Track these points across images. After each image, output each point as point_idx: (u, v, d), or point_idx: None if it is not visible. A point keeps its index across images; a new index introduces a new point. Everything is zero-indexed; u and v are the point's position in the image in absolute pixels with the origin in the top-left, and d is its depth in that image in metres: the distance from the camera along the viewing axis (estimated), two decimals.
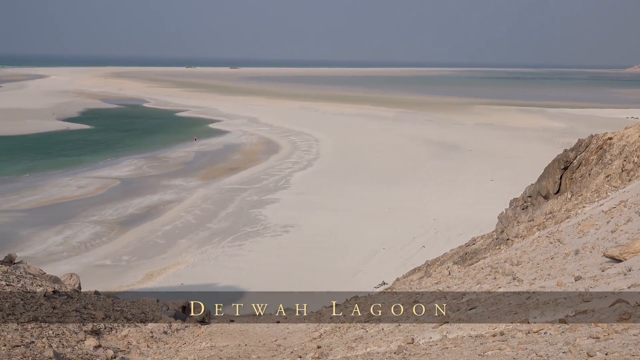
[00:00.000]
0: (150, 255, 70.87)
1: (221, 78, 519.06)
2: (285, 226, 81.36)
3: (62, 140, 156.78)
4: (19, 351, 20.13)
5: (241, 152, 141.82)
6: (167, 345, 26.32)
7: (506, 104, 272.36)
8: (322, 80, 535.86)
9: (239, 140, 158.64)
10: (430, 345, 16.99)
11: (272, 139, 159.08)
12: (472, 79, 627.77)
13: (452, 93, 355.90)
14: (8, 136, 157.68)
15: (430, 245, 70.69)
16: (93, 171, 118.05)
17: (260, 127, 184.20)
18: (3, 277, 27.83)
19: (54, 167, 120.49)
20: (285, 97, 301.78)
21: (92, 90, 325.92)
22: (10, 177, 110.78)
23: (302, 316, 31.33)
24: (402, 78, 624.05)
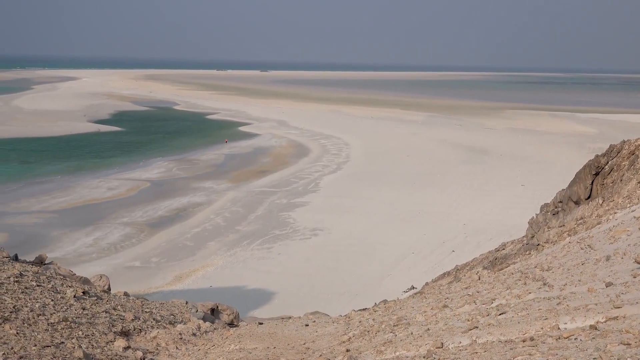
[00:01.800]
0: (179, 257, 71.07)
1: (251, 81, 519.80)
2: (314, 229, 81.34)
3: (92, 141, 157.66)
4: (49, 351, 20.25)
5: (271, 155, 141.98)
6: (195, 347, 26.40)
7: (537, 108, 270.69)
8: (352, 83, 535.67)
9: (269, 143, 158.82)
10: (459, 350, 16.94)
11: (302, 142, 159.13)
12: (502, 83, 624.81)
13: (482, 97, 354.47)
14: (40, 137, 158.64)
15: (459, 250, 70.46)
16: (123, 173, 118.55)
17: (290, 130, 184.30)
18: (34, 278, 27.97)
19: (85, 169, 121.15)
20: (315, 100, 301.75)
21: (122, 92, 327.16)
22: (41, 179, 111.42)
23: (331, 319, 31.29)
24: (430, 82, 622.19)
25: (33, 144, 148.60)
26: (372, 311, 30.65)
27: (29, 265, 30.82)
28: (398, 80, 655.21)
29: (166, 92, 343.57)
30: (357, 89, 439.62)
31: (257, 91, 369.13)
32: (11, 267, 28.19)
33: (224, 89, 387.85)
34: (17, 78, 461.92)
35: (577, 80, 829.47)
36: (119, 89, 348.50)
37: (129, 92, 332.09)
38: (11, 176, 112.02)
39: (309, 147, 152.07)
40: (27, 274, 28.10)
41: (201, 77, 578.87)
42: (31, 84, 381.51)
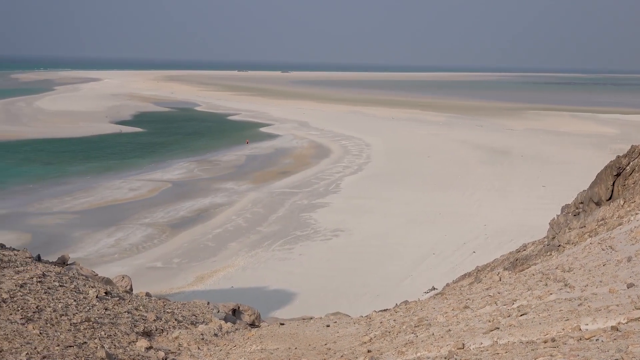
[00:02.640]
0: (201, 258, 71.22)
1: (272, 82, 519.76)
2: (335, 230, 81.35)
3: (114, 142, 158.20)
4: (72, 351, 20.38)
5: (292, 155, 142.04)
6: (217, 347, 26.48)
7: (557, 109, 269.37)
8: (372, 84, 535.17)
9: (290, 144, 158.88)
10: (481, 351, 16.96)
11: (323, 143, 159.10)
12: (522, 84, 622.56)
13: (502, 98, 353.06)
14: (62, 138, 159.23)
15: (480, 251, 70.31)
16: (145, 174, 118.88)
17: (311, 131, 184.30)
18: (56, 278, 28.13)
19: (107, 170, 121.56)
20: (336, 101, 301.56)
21: (144, 93, 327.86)
22: (63, 179, 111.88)
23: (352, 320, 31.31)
24: (449, 82, 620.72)
25: (55, 145, 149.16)
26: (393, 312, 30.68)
27: (51, 266, 30.99)
28: (417, 81, 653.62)
29: (187, 93, 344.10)
30: (377, 89, 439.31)
31: (278, 92, 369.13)
32: (34, 268, 28.37)
33: (245, 89, 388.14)
34: (39, 79, 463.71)
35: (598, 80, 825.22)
36: (140, 90, 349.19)
37: (150, 93, 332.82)
38: (33, 177, 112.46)
39: (330, 148, 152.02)
40: (50, 275, 28.26)
41: (222, 78, 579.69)
42: (53, 85, 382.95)
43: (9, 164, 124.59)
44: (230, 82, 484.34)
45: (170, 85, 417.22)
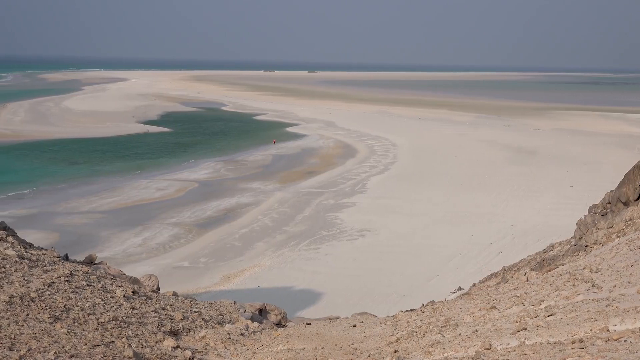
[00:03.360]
0: (227, 257, 71.36)
1: (299, 82, 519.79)
2: (361, 230, 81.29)
3: (141, 142, 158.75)
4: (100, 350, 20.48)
5: (318, 155, 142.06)
6: (244, 347, 26.51)
7: (585, 109, 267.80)
8: (399, 84, 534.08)
9: (316, 144, 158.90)
10: (508, 352, 16.91)
11: (349, 143, 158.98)
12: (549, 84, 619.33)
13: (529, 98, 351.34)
14: (89, 138, 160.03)
15: (507, 251, 70.06)
16: (172, 174, 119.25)
17: (337, 131, 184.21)
18: (84, 278, 28.26)
19: (134, 170, 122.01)
20: (362, 101, 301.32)
21: (171, 93, 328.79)
22: (90, 179, 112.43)
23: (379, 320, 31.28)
24: (476, 82, 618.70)
25: (82, 145, 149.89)
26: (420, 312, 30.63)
27: (79, 265, 31.14)
28: (444, 81, 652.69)
29: (214, 93, 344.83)
30: (404, 89, 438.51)
31: (304, 92, 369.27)
32: (62, 267, 28.50)
33: (272, 89, 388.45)
34: (67, 79, 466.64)
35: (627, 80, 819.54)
36: (167, 90, 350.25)
37: (177, 93, 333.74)
38: (61, 177, 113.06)
39: (356, 147, 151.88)
40: (77, 274, 28.39)
41: (249, 77, 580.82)
42: (81, 85, 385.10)
43: (37, 163, 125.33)
44: (257, 82, 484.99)
45: (197, 85, 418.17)
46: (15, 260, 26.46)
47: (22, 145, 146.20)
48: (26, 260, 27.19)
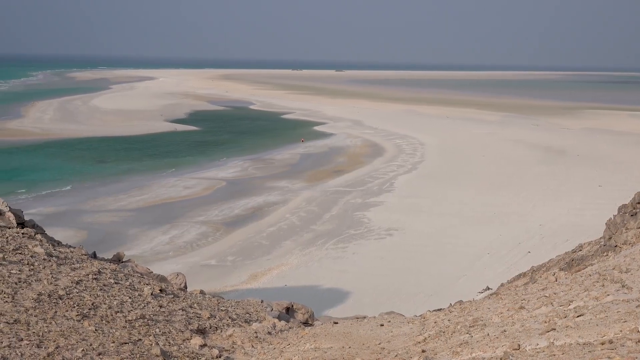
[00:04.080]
0: (254, 256, 71.43)
1: (326, 81, 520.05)
2: (389, 229, 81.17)
3: (169, 141, 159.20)
4: (127, 348, 20.49)
5: (346, 154, 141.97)
6: (271, 345, 26.48)
7: (615, 108, 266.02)
8: (426, 83, 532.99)
9: (344, 143, 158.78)
10: (537, 352, 16.79)
11: (377, 142, 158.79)
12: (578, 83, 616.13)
13: (558, 97, 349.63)
14: (117, 137, 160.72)
15: (535, 251, 69.70)
16: (199, 172, 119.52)
17: (365, 130, 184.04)
18: (112, 275, 28.32)
19: (162, 168, 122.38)
20: (390, 100, 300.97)
21: (198, 92, 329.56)
22: (118, 177, 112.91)
23: (406, 320, 31.18)
24: (504, 81, 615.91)
25: (110, 143, 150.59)
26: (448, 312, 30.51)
27: (107, 263, 31.20)
28: (472, 80, 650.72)
29: (242, 91, 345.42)
30: (431, 88, 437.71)
31: (332, 91, 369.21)
32: (90, 265, 28.57)
33: (299, 88, 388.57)
34: (96, 78, 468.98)
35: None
36: (195, 89, 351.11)
37: (205, 91, 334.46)
38: (89, 175, 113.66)
39: (384, 146, 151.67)
40: (105, 272, 28.45)
41: (276, 76, 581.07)
42: (109, 83, 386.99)
43: (65, 162, 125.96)
44: (285, 81, 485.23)
45: (225, 84, 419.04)
46: (43, 257, 26.55)
47: (51, 143, 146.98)
48: (54, 258, 27.27)
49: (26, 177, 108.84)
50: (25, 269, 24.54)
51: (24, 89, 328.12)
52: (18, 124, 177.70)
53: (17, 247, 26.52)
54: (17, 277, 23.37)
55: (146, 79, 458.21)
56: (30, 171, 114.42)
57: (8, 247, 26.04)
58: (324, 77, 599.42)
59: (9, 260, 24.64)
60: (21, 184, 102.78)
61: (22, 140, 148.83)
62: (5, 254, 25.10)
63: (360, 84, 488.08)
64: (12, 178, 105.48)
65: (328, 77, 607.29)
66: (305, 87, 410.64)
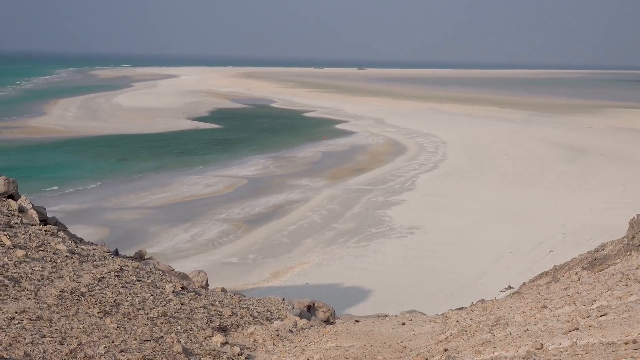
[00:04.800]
0: (276, 254, 71.47)
1: (348, 79, 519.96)
2: (410, 228, 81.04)
3: (191, 139, 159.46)
4: (149, 345, 20.54)
5: (367, 153, 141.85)
6: (292, 343, 26.49)
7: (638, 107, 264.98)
8: (448, 81, 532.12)
9: (366, 141, 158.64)
10: (560, 352, 16.71)
11: (399, 140, 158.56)
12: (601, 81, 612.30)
13: (581, 95, 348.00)
14: (140, 134, 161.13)
15: (558, 250, 69.44)
16: (221, 170, 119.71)
17: (387, 128, 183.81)
18: (134, 273, 28.42)
19: (183, 166, 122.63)
20: (411, 98, 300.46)
21: (220, 90, 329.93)
22: (141, 175, 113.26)
23: (428, 318, 31.12)
24: (527, 80, 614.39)
25: (132, 141, 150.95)
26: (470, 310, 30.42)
27: (129, 260, 31.31)
28: (494, 78, 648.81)
29: (264, 89, 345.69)
30: (454, 86, 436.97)
31: (354, 89, 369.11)
32: (112, 262, 28.67)
33: (321, 86, 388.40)
34: (118, 76, 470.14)
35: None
36: (217, 87, 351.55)
37: (227, 89, 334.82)
38: (111, 173, 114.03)
39: (406, 145, 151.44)
40: (127, 269, 28.56)
41: (298, 74, 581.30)
42: (131, 81, 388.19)
43: (87, 159, 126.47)
44: (306, 79, 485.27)
45: (247, 82, 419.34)
46: (66, 255, 26.65)
47: (73, 141, 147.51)
48: (77, 255, 27.37)
49: (49, 175, 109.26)
50: (48, 266, 24.65)
51: (46, 87, 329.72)
52: (41, 122, 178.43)
53: (40, 244, 26.63)
54: (40, 274, 23.47)
55: (169, 76, 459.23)
56: (52, 169, 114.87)
57: (31, 244, 26.15)
58: (346, 75, 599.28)
59: (31, 257, 24.75)
60: (44, 182, 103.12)
61: (44, 138, 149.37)
62: (28, 250, 25.21)
63: (382, 82, 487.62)
64: (34, 175, 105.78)
65: (350, 75, 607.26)
66: (327, 85, 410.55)
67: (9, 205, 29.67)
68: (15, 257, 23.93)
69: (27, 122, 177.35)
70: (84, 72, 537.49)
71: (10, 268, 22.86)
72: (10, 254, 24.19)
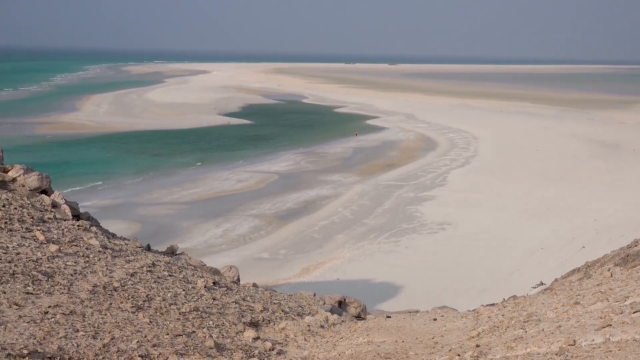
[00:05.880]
0: (307, 249, 71.57)
1: (379, 74, 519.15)
2: (441, 223, 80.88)
3: (222, 134, 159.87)
4: (181, 340, 20.62)
5: (398, 148, 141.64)
6: (324, 339, 26.49)
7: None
8: (481, 76, 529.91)
9: (397, 137, 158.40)
10: (592, 348, 16.63)
11: (430, 136, 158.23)
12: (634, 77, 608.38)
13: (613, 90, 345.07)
14: (171, 130, 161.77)
15: (590, 246, 68.97)
16: (252, 165, 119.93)
17: (418, 123, 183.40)
18: (166, 268, 28.51)
19: (214, 161, 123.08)
20: (443, 93, 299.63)
21: (252, 85, 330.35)
22: (172, 170, 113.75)
23: (459, 314, 31.05)
24: (558, 75, 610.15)
25: (164, 137, 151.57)
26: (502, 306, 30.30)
27: (161, 256, 31.41)
28: (526, 73, 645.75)
29: (295, 85, 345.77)
30: (485, 82, 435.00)
31: (385, 84, 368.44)
32: (144, 257, 28.77)
33: (352, 82, 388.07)
34: (150, 71, 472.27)
35: None
36: (248, 83, 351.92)
37: (258, 85, 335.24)
38: (143, 168, 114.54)
39: (437, 140, 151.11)
40: (159, 264, 28.65)
41: (329, 70, 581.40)
42: (163, 77, 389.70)
43: (120, 155, 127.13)
44: (338, 75, 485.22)
45: (277, 77, 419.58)
46: (98, 250, 26.78)
47: (106, 136, 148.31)
48: (109, 250, 27.50)
49: (81, 170, 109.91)
50: (81, 261, 24.77)
51: (79, 83, 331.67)
52: (73, 117, 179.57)
53: (73, 239, 26.76)
54: (73, 269, 23.58)
55: (200, 72, 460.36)
56: (85, 164, 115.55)
57: (64, 239, 26.29)
58: (377, 71, 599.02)
59: (65, 252, 24.88)
60: (76, 177, 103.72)
61: (76, 134, 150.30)
62: (62, 245, 25.34)
63: (414, 77, 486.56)
64: (67, 171, 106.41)
65: (381, 71, 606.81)
66: (359, 80, 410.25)
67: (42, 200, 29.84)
68: (49, 252, 24.06)
69: (60, 118, 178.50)
70: (116, 68, 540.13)
71: (44, 263, 22.99)
72: (43, 248, 24.33)
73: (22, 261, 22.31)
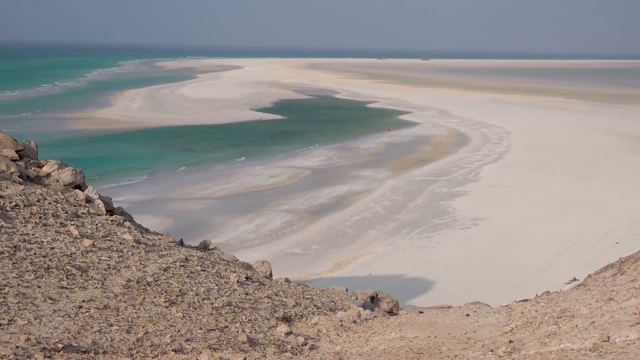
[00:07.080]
0: (339, 244, 71.52)
1: (412, 69, 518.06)
2: (474, 219, 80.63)
3: (255, 129, 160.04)
4: (214, 335, 20.71)
5: (431, 143, 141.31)
6: (356, 334, 26.50)
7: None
8: (513, 72, 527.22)
9: (429, 132, 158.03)
10: (627, 344, 16.55)
11: (462, 131, 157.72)
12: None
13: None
14: (204, 125, 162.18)
15: (624, 242, 68.56)
16: (284, 161, 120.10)
17: (451, 119, 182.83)
18: (198, 263, 28.63)
19: (247, 156, 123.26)
20: (476, 88, 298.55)
21: (284, 81, 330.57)
22: (204, 166, 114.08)
23: (492, 310, 30.95)
24: (592, 70, 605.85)
25: (197, 132, 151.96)
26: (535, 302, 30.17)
27: (193, 250, 31.55)
28: (560, 68, 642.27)
29: (327, 80, 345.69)
30: (518, 77, 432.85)
31: (417, 80, 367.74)
32: (177, 252, 28.91)
33: (385, 77, 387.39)
34: (183, 67, 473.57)
35: None
36: (281, 78, 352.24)
37: (290, 80, 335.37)
38: (176, 163, 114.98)
39: (470, 136, 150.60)
40: (192, 259, 28.78)
41: (362, 65, 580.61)
42: (196, 72, 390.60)
43: (152, 150, 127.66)
44: (370, 70, 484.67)
45: (310, 73, 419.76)
46: (132, 244, 26.92)
47: (139, 131, 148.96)
48: (143, 245, 27.64)
49: (114, 165, 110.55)
50: (115, 256, 24.93)
51: (112, 78, 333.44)
52: (107, 113, 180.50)
53: (107, 234, 26.93)
54: (107, 264, 23.74)
55: (233, 68, 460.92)
56: (118, 159, 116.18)
57: (98, 234, 26.46)
58: (409, 66, 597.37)
59: (98, 247, 25.04)
60: (110, 172, 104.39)
61: (110, 129, 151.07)
62: (95, 240, 25.51)
63: (446, 72, 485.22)
64: (100, 166, 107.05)
65: (414, 66, 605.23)
66: (391, 75, 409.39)
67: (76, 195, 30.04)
68: (83, 247, 24.23)
69: (94, 113, 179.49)
70: (149, 63, 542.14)
71: (78, 257, 23.15)
72: (77, 243, 24.49)
73: (56, 256, 22.48)
